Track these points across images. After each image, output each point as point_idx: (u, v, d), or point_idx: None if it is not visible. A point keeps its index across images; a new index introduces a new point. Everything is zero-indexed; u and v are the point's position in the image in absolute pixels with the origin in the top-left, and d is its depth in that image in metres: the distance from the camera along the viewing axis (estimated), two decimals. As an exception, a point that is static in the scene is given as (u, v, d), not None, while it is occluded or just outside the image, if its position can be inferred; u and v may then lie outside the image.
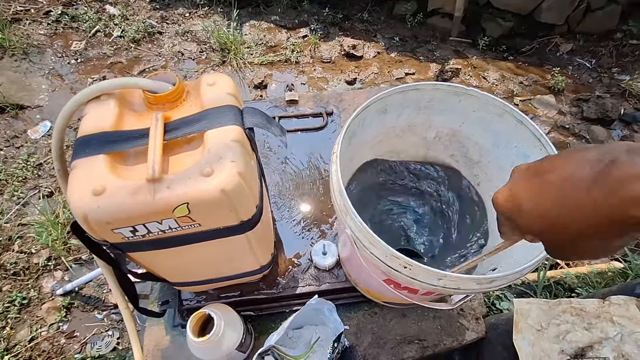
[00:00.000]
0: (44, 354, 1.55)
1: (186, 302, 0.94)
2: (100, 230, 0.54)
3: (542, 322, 0.87)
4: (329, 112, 1.29)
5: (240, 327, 0.78)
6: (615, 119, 2.35)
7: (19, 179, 2.02)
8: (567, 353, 0.85)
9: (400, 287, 0.66)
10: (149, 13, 2.93)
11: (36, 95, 2.44)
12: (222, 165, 0.55)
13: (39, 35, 2.74)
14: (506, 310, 1.25)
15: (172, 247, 0.63)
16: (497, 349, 0.96)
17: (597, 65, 2.67)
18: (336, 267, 0.98)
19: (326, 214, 1.07)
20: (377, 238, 0.54)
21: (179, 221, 0.56)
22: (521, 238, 0.41)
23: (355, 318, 0.99)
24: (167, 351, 0.93)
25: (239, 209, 0.60)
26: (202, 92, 0.64)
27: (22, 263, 1.75)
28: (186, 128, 0.60)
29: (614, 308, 0.90)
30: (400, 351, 0.94)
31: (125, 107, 0.64)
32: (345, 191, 0.58)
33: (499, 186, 0.81)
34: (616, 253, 0.32)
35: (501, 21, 2.69)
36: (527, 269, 0.54)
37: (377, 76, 2.59)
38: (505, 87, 2.55)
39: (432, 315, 0.99)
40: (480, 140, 0.78)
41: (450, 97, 0.74)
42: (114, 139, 0.58)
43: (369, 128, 0.76)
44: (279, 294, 0.95)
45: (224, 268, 0.80)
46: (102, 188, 0.52)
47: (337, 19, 2.91)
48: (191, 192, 0.53)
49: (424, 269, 0.52)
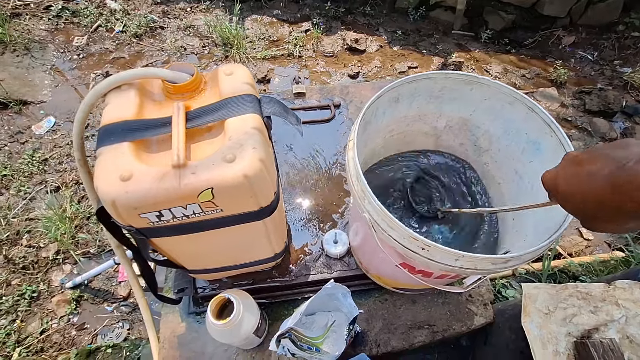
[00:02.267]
0: (55, 345, 1.58)
1: (200, 289, 0.96)
2: (127, 215, 0.55)
3: (550, 305, 0.89)
4: (337, 104, 1.30)
5: (257, 312, 0.80)
6: (617, 111, 2.36)
7: (25, 174, 2.03)
8: (574, 335, 0.87)
9: (414, 271, 0.68)
10: (150, 7, 2.92)
11: (39, 90, 2.44)
12: (244, 151, 0.57)
13: (40, 30, 2.74)
14: (512, 297, 1.28)
15: (193, 232, 0.64)
16: (505, 333, 0.98)
17: (599, 57, 2.68)
18: (347, 255, 1.00)
19: (336, 204, 1.09)
20: (396, 221, 0.55)
21: (202, 206, 0.58)
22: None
23: (366, 305, 1.01)
24: (183, 338, 0.95)
25: (259, 195, 0.62)
26: (220, 82, 0.66)
27: (31, 257, 1.77)
28: (207, 116, 0.61)
29: (619, 292, 0.92)
30: (411, 336, 0.96)
31: (146, 97, 0.65)
32: (363, 176, 0.60)
33: (508, 173, 0.82)
34: (632, 231, 0.39)
35: (503, 14, 2.69)
36: (540, 249, 0.56)
37: (379, 70, 2.60)
38: (508, 80, 2.56)
39: (441, 301, 1.01)
40: (491, 128, 0.80)
41: (461, 86, 0.75)
42: (137, 127, 0.59)
43: (382, 117, 0.78)
44: (292, 281, 0.97)
45: (240, 255, 0.82)
46: (129, 174, 0.53)
47: (339, 12, 2.91)
48: (215, 177, 0.55)
49: (441, 250, 0.54)
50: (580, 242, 1.84)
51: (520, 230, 0.73)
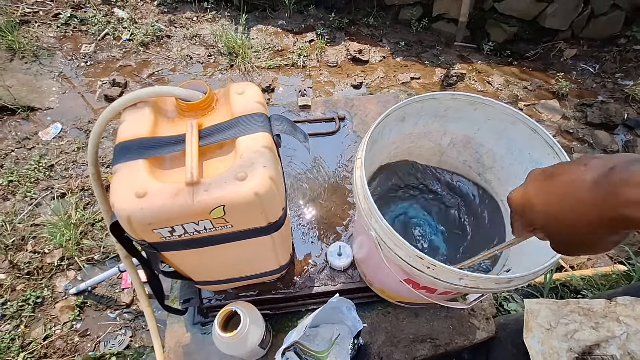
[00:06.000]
0: (59, 351, 1.58)
1: (206, 300, 0.97)
2: (141, 230, 0.57)
3: (551, 321, 0.90)
4: (341, 117, 1.32)
5: (262, 324, 0.82)
6: (619, 123, 2.38)
7: (31, 180, 2.06)
8: (575, 351, 0.88)
9: (419, 287, 0.69)
10: (157, 16, 2.97)
11: (47, 97, 2.47)
12: (255, 170, 0.59)
13: (49, 37, 2.78)
14: (513, 311, 1.28)
15: (203, 246, 0.66)
16: (507, 347, 0.99)
17: (600, 70, 2.71)
18: (351, 267, 1.01)
19: (340, 216, 1.11)
20: (402, 240, 0.57)
21: (213, 222, 0.60)
22: (531, 234, 0.44)
23: (369, 317, 1.02)
24: (188, 348, 0.96)
25: (268, 212, 0.63)
26: (231, 100, 0.68)
27: (35, 263, 1.78)
28: (219, 134, 0.63)
29: (620, 308, 0.93)
30: (413, 349, 0.97)
31: (159, 114, 0.67)
32: (370, 195, 0.61)
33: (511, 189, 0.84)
34: (611, 248, 0.38)
35: (506, 26, 2.73)
36: (542, 269, 0.57)
37: (382, 80, 2.63)
38: (510, 91, 2.59)
39: (443, 315, 1.02)
40: (494, 147, 0.82)
41: (466, 106, 0.77)
42: (152, 144, 0.61)
43: (388, 135, 0.80)
44: (296, 293, 0.98)
45: (247, 267, 0.83)
46: (144, 191, 0.55)
47: (343, 23, 2.95)
48: (227, 195, 0.56)
49: (446, 269, 0.55)
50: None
51: (522, 250, 0.74)
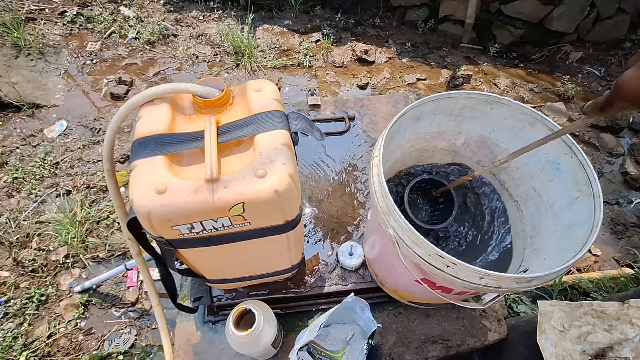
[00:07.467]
0: (63, 350, 1.58)
1: (216, 298, 0.97)
2: (160, 227, 0.57)
3: (565, 323, 0.90)
4: (351, 116, 1.32)
5: (275, 323, 0.81)
6: (625, 127, 2.38)
7: (36, 177, 2.05)
8: (589, 353, 0.87)
9: (435, 287, 0.69)
10: (163, 15, 2.97)
11: (52, 94, 2.47)
12: (274, 167, 0.58)
13: (55, 35, 2.78)
14: (523, 313, 1.28)
15: (219, 244, 0.65)
16: (518, 349, 0.98)
17: (606, 73, 2.70)
18: (362, 267, 1.01)
19: (351, 215, 1.10)
20: (422, 238, 0.56)
21: (232, 220, 0.59)
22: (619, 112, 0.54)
23: (380, 318, 1.01)
24: (198, 346, 0.96)
25: (286, 210, 0.63)
26: (249, 98, 0.68)
27: (40, 260, 1.78)
28: (237, 131, 0.63)
29: (633, 311, 0.93)
30: (425, 350, 0.97)
31: (177, 111, 0.67)
32: (389, 193, 0.61)
33: (527, 191, 0.83)
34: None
35: (512, 28, 2.73)
36: (564, 268, 0.57)
37: (388, 81, 2.63)
38: (516, 93, 2.59)
39: (455, 316, 1.01)
40: (510, 146, 0.81)
41: (482, 106, 0.77)
42: (170, 141, 0.61)
43: (403, 133, 0.79)
44: (307, 292, 0.98)
45: (260, 266, 0.83)
46: (164, 187, 0.55)
47: (349, 24, 2.95)
48: (247, 192, 0.56)
49: (467, 268, 0.55)
50: (589, 257, 1.85)
51: (540, 249, 0.74)
